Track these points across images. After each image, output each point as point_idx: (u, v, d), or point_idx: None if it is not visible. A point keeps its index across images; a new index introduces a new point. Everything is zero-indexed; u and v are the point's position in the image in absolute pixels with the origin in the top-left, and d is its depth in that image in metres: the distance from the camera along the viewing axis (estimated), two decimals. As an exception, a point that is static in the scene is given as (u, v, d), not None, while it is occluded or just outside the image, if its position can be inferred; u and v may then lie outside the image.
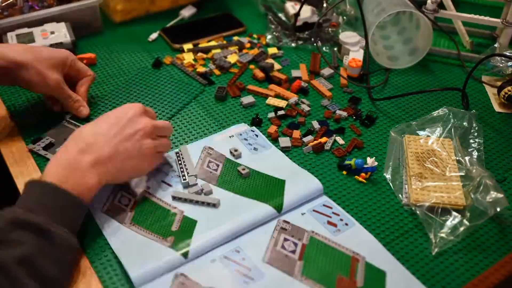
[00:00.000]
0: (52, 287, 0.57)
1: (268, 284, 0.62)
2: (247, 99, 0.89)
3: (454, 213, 0.69)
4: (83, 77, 0.86)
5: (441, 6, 1.01)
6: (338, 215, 0.70)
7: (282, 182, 0.73)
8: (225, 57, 0.99)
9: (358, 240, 0.67)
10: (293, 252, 0.65)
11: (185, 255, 0.63)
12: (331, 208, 0.71)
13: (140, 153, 0.68)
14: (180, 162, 0.76)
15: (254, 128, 0.83)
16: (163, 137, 0.73)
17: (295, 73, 0.97)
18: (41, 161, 0.77)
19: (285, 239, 0.67)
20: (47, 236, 0.57)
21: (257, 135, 0.82)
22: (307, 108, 0.88)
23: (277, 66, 0.98)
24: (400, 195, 0.74)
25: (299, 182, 0.73)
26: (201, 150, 0.78)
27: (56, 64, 0.80)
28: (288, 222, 0.69)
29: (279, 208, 0.69)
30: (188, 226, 0.67)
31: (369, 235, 0.68)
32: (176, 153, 0.77)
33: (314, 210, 0.71)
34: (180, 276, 0.62)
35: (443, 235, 0.67)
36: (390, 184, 0.76)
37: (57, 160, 0.64)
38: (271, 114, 0.87)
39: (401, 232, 0.69)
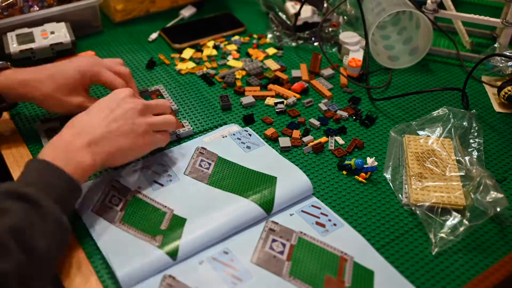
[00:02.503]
0: (38, 261, 0.55)
1: (256, 284, 0.61)
2: (247, 100, 0.89)
3: (454, 213, 0.69)
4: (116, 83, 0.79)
5: (441, 6, 1.01)
6: (326, 215, 0.70)
7: (274, 179, 0.73)
8: (233, 73, 0.96)
9: (346, 240, 0.67)
10: (281, 252, 0.65)
11: (173, 255, 0.63)
12: (319, 208, 0.71)
13: (134, 131, 0.68)
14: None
15: (247, 128, 0.83)
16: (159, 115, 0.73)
17: (295, 73, 0.97)
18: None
19: (274, 240, 0.66)
20: (37, 208, 0.57)
21: (250, 134, 0.82)
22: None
23: (276, 66, 0.98)
24: (400, 195, 0.74)
25: (290, 179, 0.73)
26: (194, 150, 0.78)
27: (77, 87, 0.77)
28: (276, 223, 0.69)
29: (268, 210, 0.69)
30: (177, 225, 0.67)
31: (358, 235, 0.68)
32: None
33: (302, 211, 0.71)
34: (168, 278, 0.62)
35: (443, 235, 0.67)
36: (390, 184, 0.76)
37: (52, 144, 0.65)
38: (280, 107, 0.87)
39: (401, 232, 0.69)
